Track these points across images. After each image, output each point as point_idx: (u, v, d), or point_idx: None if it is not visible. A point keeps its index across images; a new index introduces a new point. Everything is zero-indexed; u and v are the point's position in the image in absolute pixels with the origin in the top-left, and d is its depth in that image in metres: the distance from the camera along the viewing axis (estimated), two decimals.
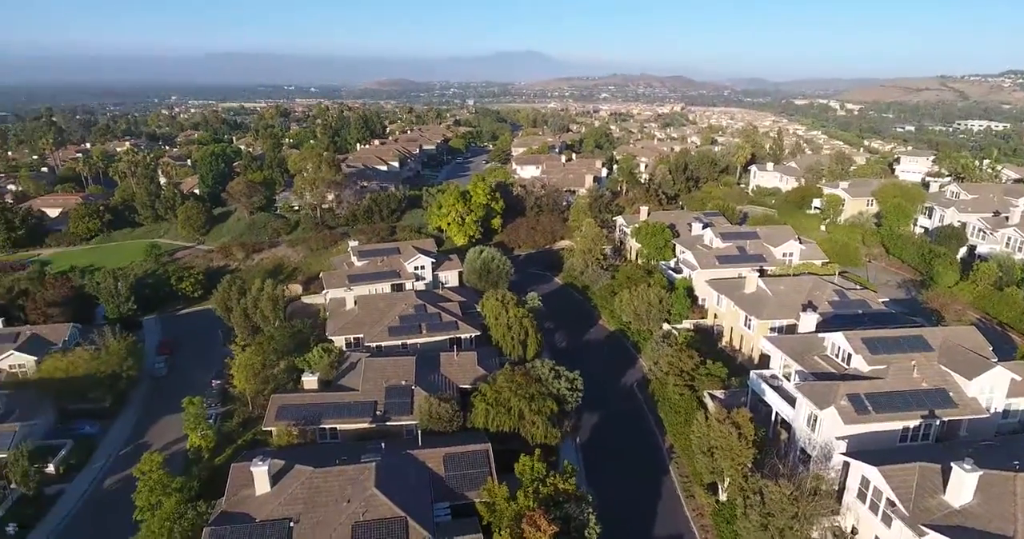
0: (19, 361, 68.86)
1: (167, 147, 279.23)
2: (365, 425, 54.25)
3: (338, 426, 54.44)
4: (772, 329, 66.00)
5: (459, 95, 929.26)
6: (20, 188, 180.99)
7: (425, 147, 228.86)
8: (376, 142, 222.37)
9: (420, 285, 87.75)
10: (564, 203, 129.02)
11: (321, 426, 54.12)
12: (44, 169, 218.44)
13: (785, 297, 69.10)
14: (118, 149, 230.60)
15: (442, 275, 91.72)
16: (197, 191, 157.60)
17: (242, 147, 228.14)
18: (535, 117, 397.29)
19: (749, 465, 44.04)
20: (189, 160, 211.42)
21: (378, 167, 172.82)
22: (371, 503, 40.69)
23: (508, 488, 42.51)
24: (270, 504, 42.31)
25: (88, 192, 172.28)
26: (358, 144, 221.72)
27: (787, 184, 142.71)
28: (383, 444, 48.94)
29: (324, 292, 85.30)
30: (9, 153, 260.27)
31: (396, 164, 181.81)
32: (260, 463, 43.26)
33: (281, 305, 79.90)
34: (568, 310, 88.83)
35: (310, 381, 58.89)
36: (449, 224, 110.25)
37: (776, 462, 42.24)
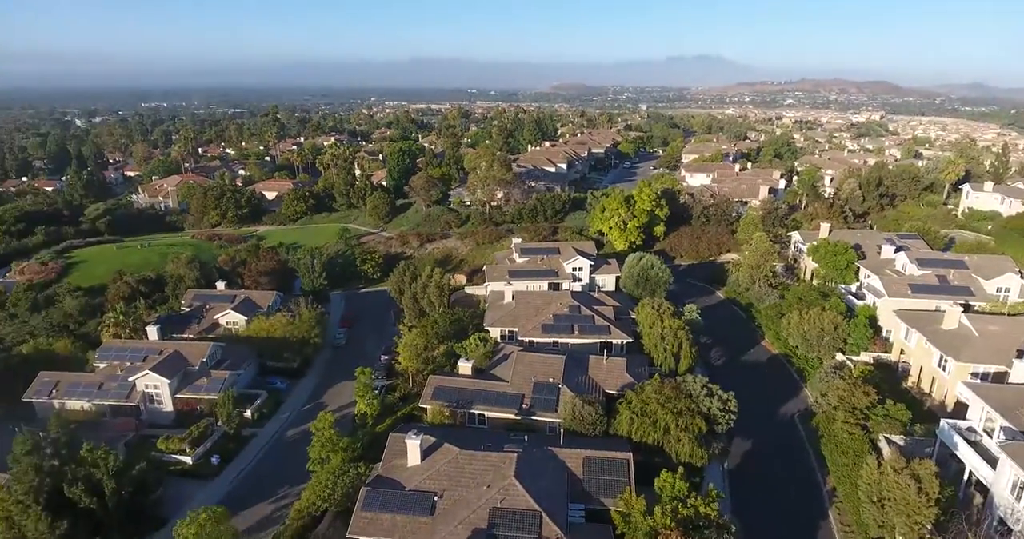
0: (234, 319, 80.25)
1: (364, 143, 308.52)
2: (511, 416, 55.70)
3: (486, 413, 56.49)
4: (974, 375, 56.98)
5: (632, 100, 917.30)
6: (248, 173, 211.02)
7: (594, 150, 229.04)
8: (546, 144, 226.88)
9: (576, 286, 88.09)
10: (734, 214, 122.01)
11: (470, 411, 56.53)
12: (267, 158, 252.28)
13: (995, 339, 59.25)
14: (324, 143, 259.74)
15: (599, 278, 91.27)
16: (384, 183, 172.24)
17: (426, 145, 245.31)
18: (710, 123, 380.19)
19: (929, 526, 38.47)
20: (380, 155, 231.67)
21: (546, 168, 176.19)
22: (509, 492, 41.70)
23: (646, 502, 41.23)
24: (419, 476, 45.08)
25: (298, 179, 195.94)
26: (529, 145, 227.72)
27: (1010, 208, 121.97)
28: (526, 437, 49.93)
29: (485, 284, 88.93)
30: (243, 144, 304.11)
31: (564, 166, 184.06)
32: (414, 437, 46.25)
33: (446, 293, 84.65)
34: (728, 327, 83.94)
35: (465, 367, 61.71)
36: (611, 228, 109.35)
37: (965, 529, 36.46)
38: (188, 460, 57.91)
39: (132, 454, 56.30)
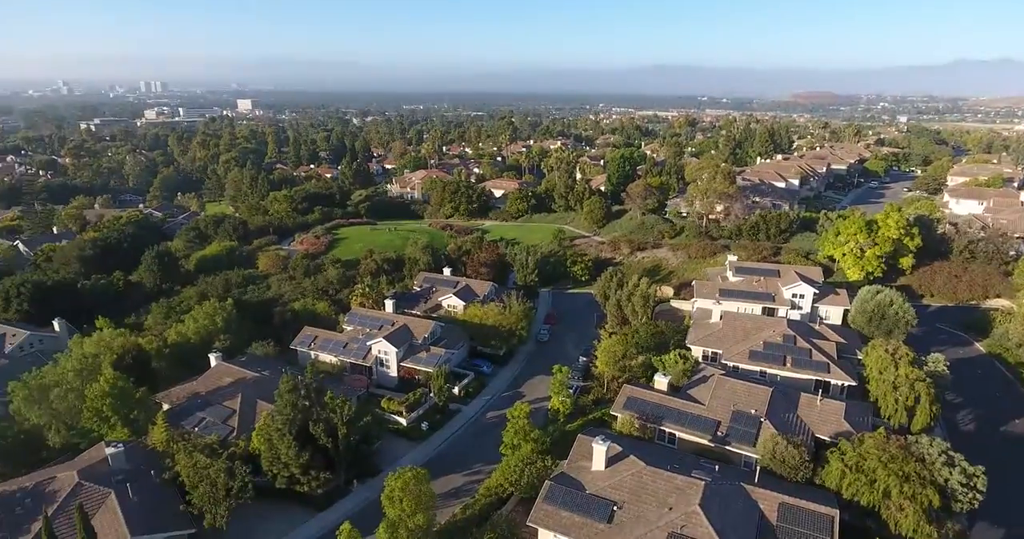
0: (454, 303, 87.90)
1: (587, 148, 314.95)
2: (703, 441, 53.01)
3: (677, 433, 54.49)
4: None
5: (889, 111, 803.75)
6: (481, 171, 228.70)
7: (834, 167, 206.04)
8: (778, 157, 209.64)
9: (795, 314, 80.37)
10: (1011, 253, 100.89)
11: (661, 427, 54.98)
12: (499, 158, 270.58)
13: None
14: (551, 147, 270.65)
15: (823, 309, 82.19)
16: (603, 188, 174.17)
17: (647, 152, 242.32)
18: (990, 141, 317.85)
19: None
20: (602, 160, 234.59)
21: (775, 183, 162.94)
22: (691, 520, 39.83)
23: None
24: (601, 481, 45.18)
25: (523, 180, 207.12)
26: (759, 158, 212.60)
27: None
28: (717, 466, 47.14)
29: (693, 300, 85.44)
30: (480, 144, 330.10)
31: (795, 182, 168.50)
32: (601, 442, 46.42)
33: (651, 304, 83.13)
34: (986, 387, 69.93)
35: (661, 382, 60.13)
36: (844, 255, 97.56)
37: None
38: (403, 422, 65.10)
39: (361, 408, 64.85)
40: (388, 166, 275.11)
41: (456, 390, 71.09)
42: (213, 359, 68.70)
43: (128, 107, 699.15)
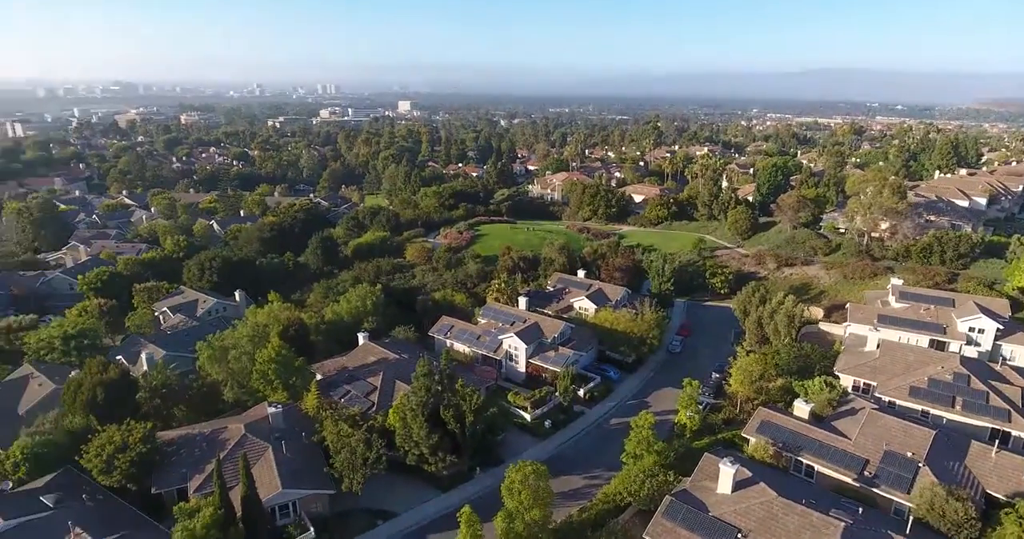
0: (585, 306, 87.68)
1: (736, 155, 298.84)
2: (846, 479, 48.29)
3: (816, 466, 50.15)
4: None
5: None
6: (622, 176, 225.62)
7: None
8: (962, 172, 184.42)
9: (970, 351, 70.47)
10: None
11: (798, 457, 50.91)
12: (641, 163, 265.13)
13: None
14: (697, 153, 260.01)
15: (1008, 348, 71.20)
16: (750, 198, 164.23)
17: (804, 161, 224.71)
18: None
19: None
20: (752, 169, 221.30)
21: (955, 201, 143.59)
22: None
23: None
24: (725, 505, 42.78)
25: (665, 186, 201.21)
26: (937, 172, 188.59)
27: None
28: (860, 509, 42.73)
29: (846, 324, 78.01)
30: (622, 148, 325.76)
31: (982, 201, 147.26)
32: (729, 464, 43.96)
33: (796, 324, 77.17)
34: None
35: (802, 409, 55.65)
36: None
37: None
38: (527, 417, 66.16)
39: (489, 399, 66.87)
40: (531, 167, 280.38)
41: (581, 392, 70.89)
42: (361, 338, 74.43)
43: (307, 107, 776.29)
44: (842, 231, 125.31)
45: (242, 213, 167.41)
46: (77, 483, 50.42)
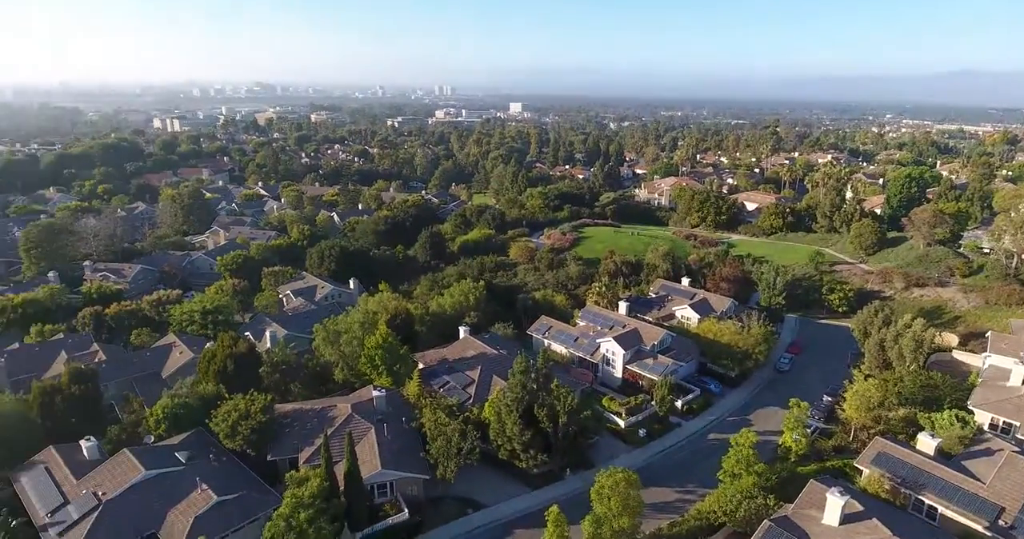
0: (688, 315, 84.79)
1: (864, 164, 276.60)
2: (975, 526, 43.32)
3: (940, 508, 45.37)
4: None
5: None
6: (735, 183, 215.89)
7: None
8: None
9: None
10: None
11: (918, 496, 46.29)
12: (756, 170, 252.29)
13: None
14: (819, 161, 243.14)
15: None
16: (878, 211, 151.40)
17: (944, 173, 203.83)
18: None
19: None
20: (881, 179, 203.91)
21: None
22: None
23: None
24: (829, 538, 39.80)
25: (782, 195, 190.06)
26: None
27: None
28: None
29: (985, 355, 69.88)
30: (737, 154, 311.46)
31: None
32: (838, 495, 40.88)
33: (924, 350, 70.13)
34: None
35: (927, 443, 50.53)
36: None
37: None
38: (621, 424, 65.02)
39: (583, 401, 66.37)
40: (638, 171, 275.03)
41: (679, 403, 68.62)
42: (462, 331, 76.50)
43: (423, 108, 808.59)
44: (986, 251, 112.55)
45: (360, 207, 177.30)
46: (206, 444, 55.65)
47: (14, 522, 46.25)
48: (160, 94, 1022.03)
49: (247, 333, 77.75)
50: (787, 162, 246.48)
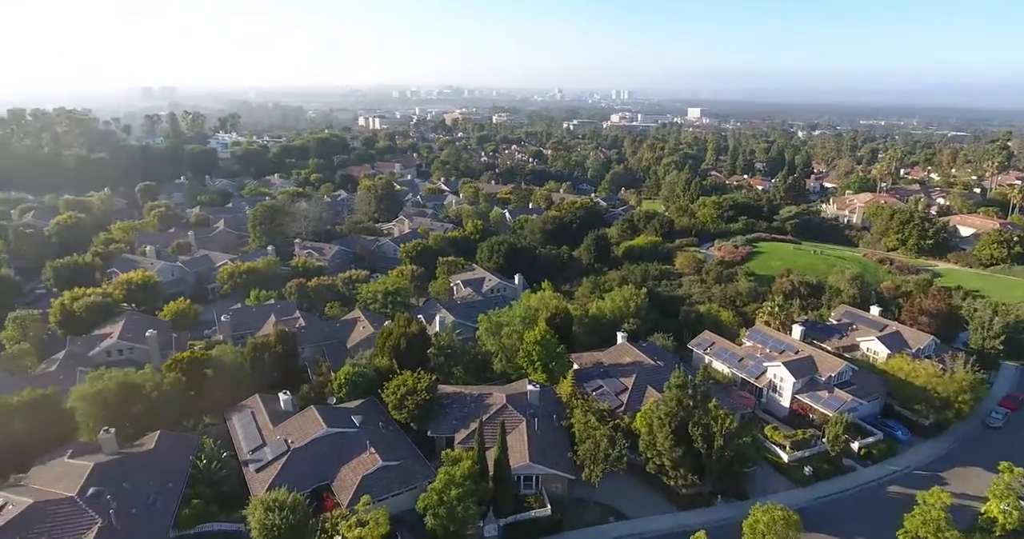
0: (875, 348, 75.13)
1: None
2: None
3: None
4: None
5: None
6: (947, 203, 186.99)
7: None
8: None
9: None
10: None
11: None
12: (976, 190, 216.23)
13: None
14: None
15: None
16: None
17: None
18: None
19: None
20: None
21: None
22: None
23: None
24: None
25: (1009, 220, 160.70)
26: None
27: None
28: None
29: None
30: (952, 170, 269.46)
31: None
32: None
33: None
34: None
35: None
36: None
37: None
38: (784, 457, 59.56)
39: (742, 426, 61.91)
40: (828, 184, 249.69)
41: (856, 445, 61.12)
42: (619, 337, 75.28)
43: (599, 111, 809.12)
44: None
45: (530, 205, 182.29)
46: (376, 411, 60.98)
47: (224, 454, 54.46)
48: (366, 96, 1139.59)
49: (420, 316, 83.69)
50: (1019, 182, 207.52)
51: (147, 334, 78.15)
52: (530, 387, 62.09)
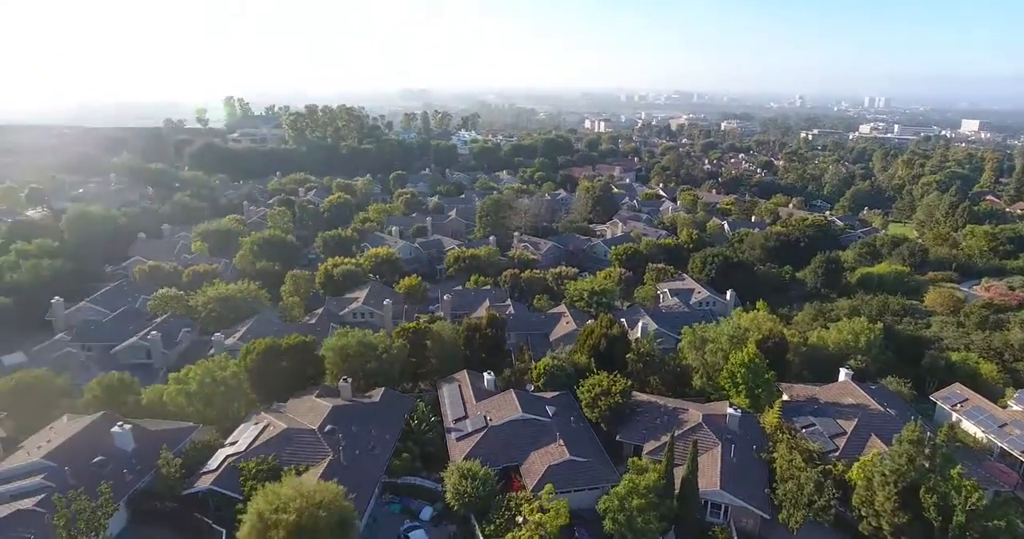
0: None
1: None
2: None
3: None
4: None
5: None
6: None
7: None
8: None
9: None
10: None
11: None
12: None
13: None
14: None
15: None
16: None
17: None
18: None
19: None
20: None
21: None
22: None
23: None
24: None
25: None
26: None
27: None
28: None
29: None
30: None
31: None
32: None
33: None
34: None
35: None
36: None
37: None
38: None
39: (997, 507, 50.54)
40: None
41: None
42: (842, 374, 66.55)
43: (845, 121, 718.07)
44: None
45: (752, 219, 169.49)
46: (569, 406, 62.18)
47: (433, 418, 60.23)
48: (595, 99, 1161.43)
49: (622, 319, 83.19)
50: None
51: (384, 303, 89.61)
52: (730, 410, 58.02)
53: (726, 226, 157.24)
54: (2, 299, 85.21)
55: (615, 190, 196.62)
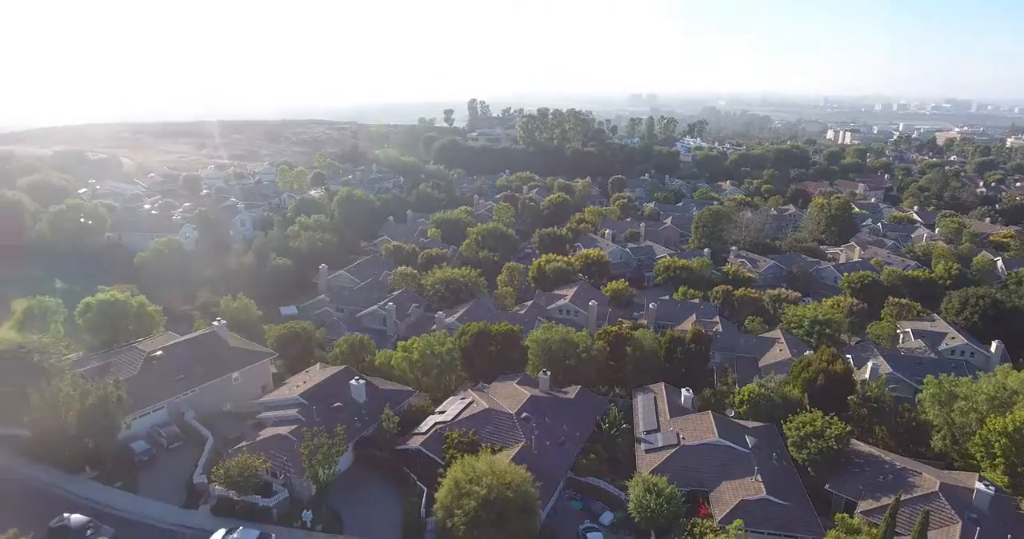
0: None
1: None
2: None
3: None
4: None
5: None
6: None
7: None
8: None
9: None
10: None
11: None
12: None
13: None
14: None
15: None
16: None
17: None
18: None
19: None
20: None
21: None
22: None
23: None
24: None
25: None
26: None
27: None
28: None
29: None
30: None
31: None
32: None
33: None
34: None
35: None
36: None
37: None
38: None
39: None
40: None
41: None
42: None
43: None
44: None
45: None
46: (772, 440, 56.93)
47: (624, 425, 59.79)
48: (841, 106, 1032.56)
49: (848, 356, 73.44)
50: None
51: (590, 303, 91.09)
52: (980, 485, 47.84)
53: (1000, 263, 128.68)
54: (286, 261, 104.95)
55: (856, 210, 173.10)
